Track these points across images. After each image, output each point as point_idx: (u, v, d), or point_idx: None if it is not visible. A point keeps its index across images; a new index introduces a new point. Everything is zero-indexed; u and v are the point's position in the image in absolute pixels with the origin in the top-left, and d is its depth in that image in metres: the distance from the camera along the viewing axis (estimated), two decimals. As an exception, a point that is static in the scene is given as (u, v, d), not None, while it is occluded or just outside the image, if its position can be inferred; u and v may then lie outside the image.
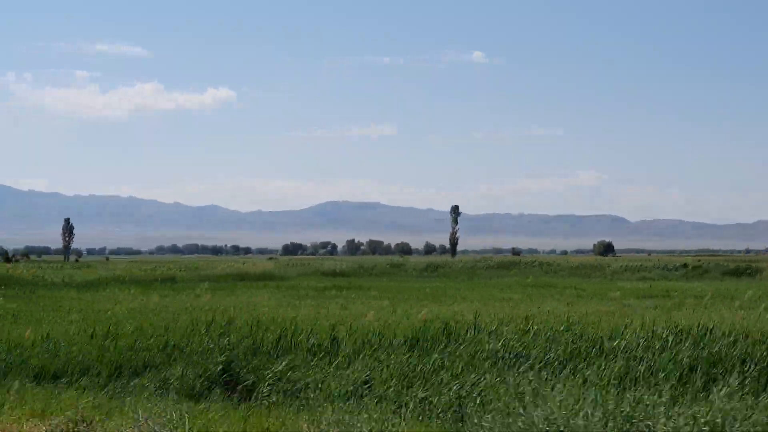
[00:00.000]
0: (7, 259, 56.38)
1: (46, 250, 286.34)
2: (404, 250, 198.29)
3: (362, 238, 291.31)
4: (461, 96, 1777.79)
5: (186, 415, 10.49)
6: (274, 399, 12.39)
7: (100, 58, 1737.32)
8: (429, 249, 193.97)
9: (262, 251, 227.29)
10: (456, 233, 77.65)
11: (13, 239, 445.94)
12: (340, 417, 10.30)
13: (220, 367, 13.69)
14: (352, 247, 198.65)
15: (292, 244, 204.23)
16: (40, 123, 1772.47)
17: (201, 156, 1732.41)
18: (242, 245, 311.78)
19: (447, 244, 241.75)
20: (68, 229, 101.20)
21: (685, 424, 8.72)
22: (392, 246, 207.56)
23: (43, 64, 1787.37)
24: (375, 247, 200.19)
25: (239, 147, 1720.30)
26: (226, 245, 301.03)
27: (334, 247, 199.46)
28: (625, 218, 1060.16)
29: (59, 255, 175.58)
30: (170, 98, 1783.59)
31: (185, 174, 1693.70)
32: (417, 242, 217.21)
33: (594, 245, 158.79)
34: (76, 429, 10.22)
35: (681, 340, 14.38)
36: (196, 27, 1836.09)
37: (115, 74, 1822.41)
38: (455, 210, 77.02)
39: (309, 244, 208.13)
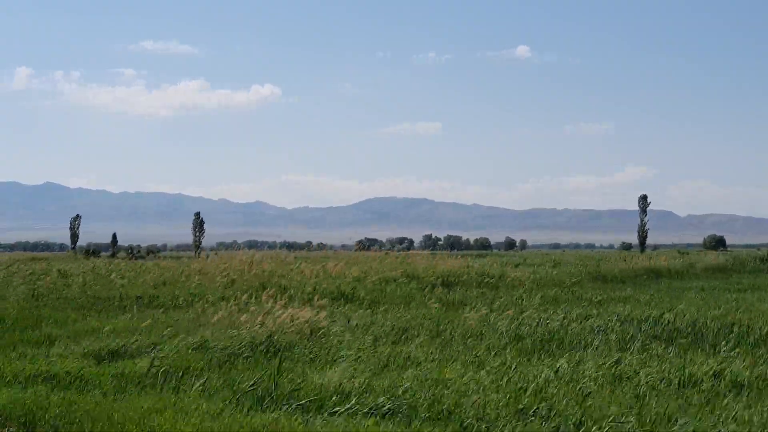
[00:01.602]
0: (135, 255, 52.90)
1: (105, 248, 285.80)
2: (484, 245, 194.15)
3: (412, 233, 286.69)
4: (506, 92, 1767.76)
5: None
6: None
7: (147, 56, 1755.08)
8: (510, 244, 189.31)
9: (336, 247, 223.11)
10: (645, 226, 72.01)
11: (67, 236, 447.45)
12: None
13: None
14: (429, 243, 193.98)
15: (367, 239, 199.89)
16: (88, 121, 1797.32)
17: (246, 153, 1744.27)
18: (302, 241, 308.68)
19: (512, 238, 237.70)
20: (198, 224, 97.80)
21: None
22: (471, 241, 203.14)
23: (91, 63, 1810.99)
24: (453, 243, 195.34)
25: (283, 143, 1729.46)
26: (289, 241, 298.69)
27: (411, 242, 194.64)
28: (674, 213, 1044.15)
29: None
30: (216, 95, 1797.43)
31: (230, 170, 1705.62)
32: (496, 237, 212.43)
33: (704, 240, 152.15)
34: None
35: None
36: (241, 24, 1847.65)
37: (161, 72, 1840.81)
38: (644, 200, 71.28)
39: (385, 240, 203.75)
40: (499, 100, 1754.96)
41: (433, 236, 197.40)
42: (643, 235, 75.10)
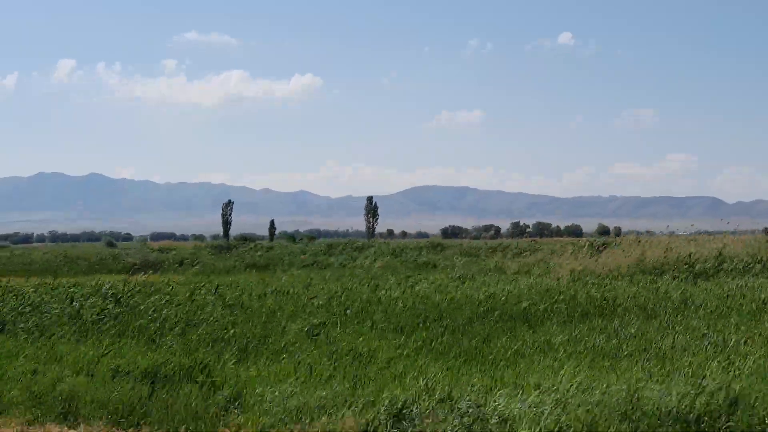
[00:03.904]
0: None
1: (159, 237, 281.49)
2: (575, 232, 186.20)
3: (461, 222, 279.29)
4: (548, 80, 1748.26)
5: None
6: None
7: (188, 46, 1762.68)
8: (603, 231, 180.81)
9: (420, 236, 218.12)
10: None
11: (116, 227, 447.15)
12: None
13: None
14: (518, 230, 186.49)
15: (451, 227, 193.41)
16: (130, 112, 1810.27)
17: (288, 143, 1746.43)
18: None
19: (605, 224, 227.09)
20: (372, 210, 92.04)
21: None
22: (561, 228, 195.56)
23: (133, 54, 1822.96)
24: (542, 230, 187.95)
25: (325, 133, 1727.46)
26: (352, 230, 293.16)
27: (497, 230, 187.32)
28: (722, 200, 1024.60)
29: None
30: (257, 86, 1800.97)
31: (273, 161, 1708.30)
32: (589, 224, 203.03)
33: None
34: None
35: None
36: (281, 14, 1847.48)
37: (202, 63, 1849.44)
38: None
39: (470, 227, 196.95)
40: (540, 89, 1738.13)
41: (522, 224, 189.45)
42: None
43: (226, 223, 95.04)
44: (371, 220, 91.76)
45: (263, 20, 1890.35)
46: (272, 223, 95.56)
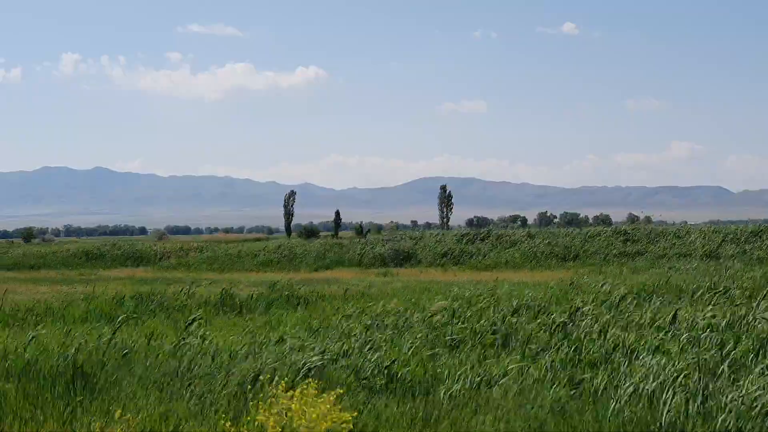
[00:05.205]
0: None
1: (175, 230, 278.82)
2: (605, 221, 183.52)
3: (469, 213, 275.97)
4: (552, 69, 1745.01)
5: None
6: None
7: (193, 39, 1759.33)
8: (632, 219, 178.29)
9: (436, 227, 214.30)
10: None
11: (125, 219, 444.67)
12: None
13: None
14: (545, 220, 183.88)
15: (476, 218, 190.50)
16: (134, 105, 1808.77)
17: (292, 135, 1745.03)
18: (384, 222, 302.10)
19: (634, 214, 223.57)
20: (446, 199, 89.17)
21: None
22: (590, 219, 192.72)
23: (137, 47, 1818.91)
24: (570, 219, 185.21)
25: (329, 125, 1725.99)
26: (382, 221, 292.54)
27: (524, 220, 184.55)
28: (727, 189, 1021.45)
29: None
30: (261, 78, 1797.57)
31: (277, 152, 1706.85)
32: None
33: None
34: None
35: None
36: (286, 5, 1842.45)
37: (206, 55, 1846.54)
38: None
39: (496, 218, 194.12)
40: (544, 78, 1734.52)
41: (549, 214, 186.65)
42: None
43: (289, 215, 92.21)
44: (445, 209, 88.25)
45: (267, 11, 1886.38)
46: (337, 214, 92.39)
